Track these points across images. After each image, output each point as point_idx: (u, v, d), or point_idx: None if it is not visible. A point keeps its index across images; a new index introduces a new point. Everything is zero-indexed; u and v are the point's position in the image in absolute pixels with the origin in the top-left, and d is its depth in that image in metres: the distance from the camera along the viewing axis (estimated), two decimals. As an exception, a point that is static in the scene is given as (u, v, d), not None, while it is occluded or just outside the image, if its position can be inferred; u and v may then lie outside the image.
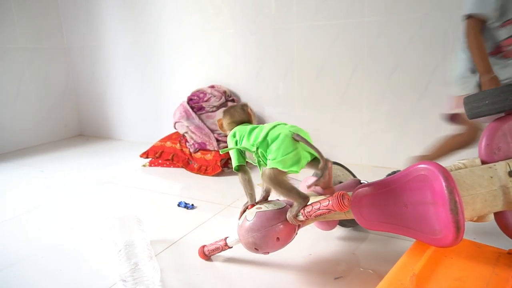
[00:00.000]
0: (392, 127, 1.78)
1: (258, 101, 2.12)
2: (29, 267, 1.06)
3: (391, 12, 1.66)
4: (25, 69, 2.56)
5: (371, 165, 1.86)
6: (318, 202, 0.82)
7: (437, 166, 0.72)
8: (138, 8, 2.38)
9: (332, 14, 1.79)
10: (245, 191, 0.95)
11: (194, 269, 1.01)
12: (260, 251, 0.88)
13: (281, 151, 0.80)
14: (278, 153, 0.81)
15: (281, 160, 0.80)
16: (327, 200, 0.79)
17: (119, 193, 1.66)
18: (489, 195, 0.80)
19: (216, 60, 2.20)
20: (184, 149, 1.98)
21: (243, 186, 0.94)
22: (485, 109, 0.93)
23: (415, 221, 0.76)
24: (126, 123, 2.72)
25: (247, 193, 0.94)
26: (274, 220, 0.86)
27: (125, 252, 0.97)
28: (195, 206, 1.44)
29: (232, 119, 0.98)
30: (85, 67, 2.77)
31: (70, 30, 2.75)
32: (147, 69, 2.48)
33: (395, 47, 1.69)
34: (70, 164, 2.15)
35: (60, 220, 1.39)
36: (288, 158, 0.80)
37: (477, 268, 0.75)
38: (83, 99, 2.88)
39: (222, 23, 2.11)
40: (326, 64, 1.86)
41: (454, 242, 0.70)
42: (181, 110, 2.09)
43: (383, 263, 0.99)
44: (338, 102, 1.88)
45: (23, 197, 1.65)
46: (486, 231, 1.13)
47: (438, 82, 1.63)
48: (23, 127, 2.58)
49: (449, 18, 1.55)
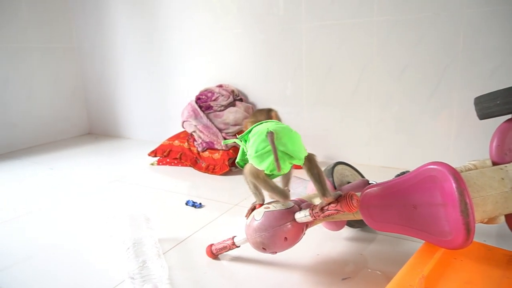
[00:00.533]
0: (401, 127, 1.76)
1: (266, 100, 2.12)
2: (40, 263, 1.07)
3: (400, 12, 1.65)
4: (35, 69, 2.59)
5: (380, 165, 1.85)
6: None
7: (447, 167, 0.72)
8: (147, 8, 2.39)
9: (341, 13, 1.78)
10: (250, 189, 0.93)
11: (201, 268, 1.01)
12: (268, 251, 0.88)
13: (254, 148, 0.79)
14: (252, 149, 0.80)
15: (254, 156, 0.79)
16: (336, 201, 0.79)
17: (127, 191, 1.67)
18: (500, 197, 0.79)
19: (224, 59, 2.20)
20: (192, 148, 1.99)
21: (246, 184, 0.92)
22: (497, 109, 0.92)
23: (424, 223, 0.75)
24: (134, 122, 2.74)
25: (252, 192, 0.93)
26: (282, 220, 0.86)
27: (133, 250, 0.98)
28: (203, 205, 1.45)
29: (256, 121, 0.97)
30: (95, 66, 2.80)
31: (80, 30, 2.77)
32: (155, 68, 2.49)
33: (405, 47, 1.67)
34: (79, 162, 2.18)
35: (68, 218, 1.41)
36: (263, 156, 0.77)
37: (487, 271, 0.74)
38: (92, 98, 2.91)
39: (231, 22, 2.11)
40: (335, 64, 1.86)
41: (464, 244, 0.70)
42: (189, 109, 2.10)
43: (391, 264, 0.98)
44: (347, 102, 1.87)
45: (33, 194, 1.67)
46: (497, 234, 1.12)
47: (448, 83, 1.61)
48: (33, 125, 2.62)
49: (460, 17, 1.53)
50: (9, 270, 1.04)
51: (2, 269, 1.05)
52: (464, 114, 1.61)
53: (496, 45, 1.49)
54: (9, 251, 1.15)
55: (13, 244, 1.21)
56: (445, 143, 1.68)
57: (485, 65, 1.53)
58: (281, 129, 0.79)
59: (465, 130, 1.62)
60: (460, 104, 1.61)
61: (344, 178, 1.16)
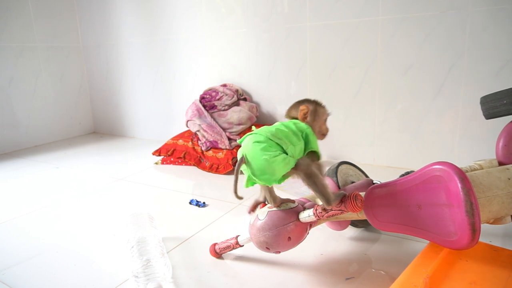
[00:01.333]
0: (406, 127, 1.75)
1: (270, 100, 2.12)
2: (45, 261, 1.08)
3: (406, 10, 1.64)
4: (41, 68, 2.61)
5: (384, 165, 1.84)
6: None
7: (452, 167, 0.71)
8: (152, 7, 2.40)
9: (345, 12, 1.77)
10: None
11: (205, 267, 1.01)
12: (272, 250, 0.88)
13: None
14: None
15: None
16: (340, 201, 0.78)
17: (131, 190, 1.68)
18: (506, 197, 0.78)
19: (228, 59, 2.20)
20: (196, 147, 1.99)
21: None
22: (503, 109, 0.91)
23: (429, 223, 0.74)
24: (139, 121, 2.75)
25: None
26: (286, 220, 0.86)
27: (137, 248, 0.98)
28: (207, 204, 1.45)
29: (288, 114, 0.95)
30: (100, 65, 2.81)
31: (86, 29, 2.79)
32: (160, 67, 2.50)
33: (410, 45, 1.66)
34: (84, 161, 2.19)
35: (73, 216, 1.41)
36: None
37: (493, 272, 0.73)
38: (97, 97, 2.93)
39: (235, 22, 2.11)
40: (339, 63, 1.85)
41: (469, 244, 0.69)
42: (193, 109, 2.10)
43: (395, 264, 0.98)
44: (351, 102, 1.86)
45: (38, 193, 1.69)
46: (503, 234, 1.11)
47: (454, 82, 1.60)
48: (39, 124, 2.64)
49: (465, 16, 1.52)
50: (13, 269, 1.05)
51: (6, 268, 1.06)
52: (470, 114, 1.60)
53: (503, 44, 1.48)
54: (13, 250, 1.16)
55: (18, 242, 1.22)
56: (451, 143, 1.67)
57: (491, 64, 1.51)
58: (254, 151, 0.78)
59: (471, 129, 1.61)
60: (466, 103, 1.60)
61: (348, 178, 1.16)
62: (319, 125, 0.91)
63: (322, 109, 0.93)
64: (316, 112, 0.91)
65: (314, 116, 0.90)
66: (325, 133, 0.94)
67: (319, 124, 0.91)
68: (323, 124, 0.93)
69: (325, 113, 0.93)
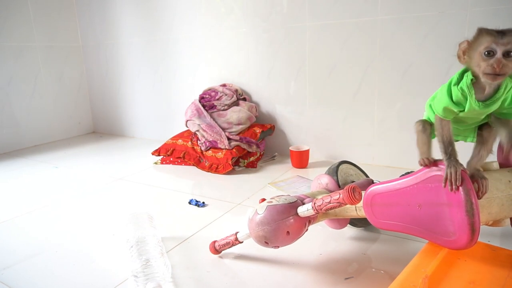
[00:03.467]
0: (405, 126, 1.76)
1: (270, 99, 2.12)
2: (44, 261, 1.08)
3: (405, 10, 1.64)
4: (40, 67, 2.61)
5: (384, 165, 1.84)
6: (329, 195, 0.83)
7: (451, 167, 0.71)
8: (152, 7, 2.40)
9: (345, 12, 1.77)
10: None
11: (204, 266, 1.01)
12: (270, 245, 0.88)
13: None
14: None
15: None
16: (338, 194, 0.79)
17: (131, 190, 1.68)
18: (506, 199, 0.79)
19: (227, 58, 2.20)
20: (195, 147, 1.99)
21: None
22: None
23: (429, 222, 0.74)
24: (138, 121, 2.75)
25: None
26: (285, 214, 0.86)
27: (136, 248, 0.98)
28: (206, 204, 1.45)
29: None
30: (99, 65, 2.81)
31: (85, 29, 2.79)
32: (159, 67, 2.50)
33: (409, 45, 1.66)
34: (83, 160, 2.19)
35: (72, 216, 1.41)
36: None
37: (492, 272, 0.73)
38: (97, 97, 2.93)
39: (234, 22, 2.11)
40: (338, 63, 1.85)
41: (469, 244, 0.69)
42: (192, 109, 2.10)
43: (394, 264, 0.98)
44: (350, 101, 1.86)
45: (38, 192, 1.68)
46: (502, 234, 1.11)
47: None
48: (38, 124, 2.63)
49: (464, 16, 1.52)
50: (13, 268, 1.05)
51: (6, 267, 1.06)
52: (469, 114, 1.60)
53: (502, 44, 1.48)
54: (13, 249, 1.16)
55: (17, 242, 1.22)
56: (450, 142, 1.67)
57: (490, 64, 1.51)
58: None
59: (470, 129, 1.61)
60: (465, 103, 1.60)
61: (348, 177, 1.16)
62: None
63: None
64: (471, 46, 0.72)
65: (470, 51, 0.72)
66: (490, 72, 0.68)
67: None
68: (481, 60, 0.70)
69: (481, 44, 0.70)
